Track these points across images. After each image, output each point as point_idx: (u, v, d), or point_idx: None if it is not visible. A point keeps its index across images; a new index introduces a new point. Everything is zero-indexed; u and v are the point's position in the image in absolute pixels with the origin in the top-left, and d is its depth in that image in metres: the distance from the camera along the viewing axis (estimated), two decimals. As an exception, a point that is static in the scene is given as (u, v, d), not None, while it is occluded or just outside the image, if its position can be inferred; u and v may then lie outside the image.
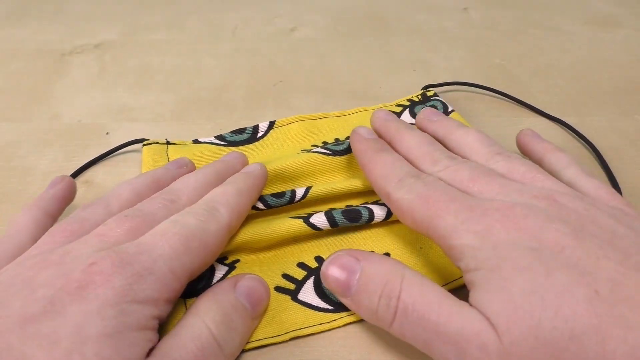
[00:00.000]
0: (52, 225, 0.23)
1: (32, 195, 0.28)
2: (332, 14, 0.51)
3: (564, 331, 0.15)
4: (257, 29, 0.48)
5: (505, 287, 0.17)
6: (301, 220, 0.24)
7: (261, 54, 0.44)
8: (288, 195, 0.26)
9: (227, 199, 0.23)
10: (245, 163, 0.28)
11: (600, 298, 0.16)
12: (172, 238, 0.20)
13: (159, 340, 0.18)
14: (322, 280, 0.22)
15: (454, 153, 0.25)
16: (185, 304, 0.22)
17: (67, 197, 0.25)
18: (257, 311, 0.21)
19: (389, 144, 0.27)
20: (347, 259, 0.21)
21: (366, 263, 0.20)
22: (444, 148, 0.25)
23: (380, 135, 0.28)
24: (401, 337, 0.19)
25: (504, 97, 0.38)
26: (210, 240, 0.21)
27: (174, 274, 0.19)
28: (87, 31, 0.47)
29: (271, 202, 0.26)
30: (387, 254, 0.25)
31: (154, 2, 0.53)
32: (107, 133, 0.34)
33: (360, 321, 0.22)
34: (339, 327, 0.22)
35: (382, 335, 0.22)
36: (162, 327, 0.22)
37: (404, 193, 0.22)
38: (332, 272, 0.21)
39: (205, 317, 0.19)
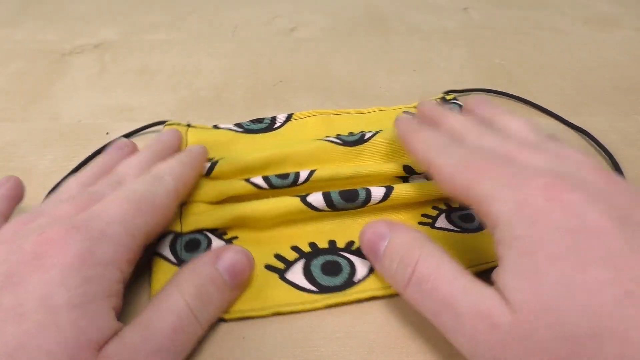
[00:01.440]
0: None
1: (31, 196, 0.28)
2: (332, 14, 0.51)
3: (587, 329, 0.15)
4: (257, 29, 0.48)
5: (537, 276, 0.16)
6: (298, 199, 0.25)
7: (261, 54, 0.44)
8: (292, 176, 0.26)
9: (170, 168, 0.24)
10: (180, 139, 0.29)
11: (631, 299, 0.15)
12: (122, 202, 0.20)
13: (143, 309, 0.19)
14: (360, 244, 0.23)
15: None
16: None
17: (16, 196, 0.25)
18: (237, 282, 0.22)
19: (434, 125, 0.26)
20: (381, 227, 0.22)
21: (395, 232, 0.22)
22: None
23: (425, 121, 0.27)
24: (411, 304, 0.20)
25: (521, 102, 0.37)
26: (160, 202, 0.22)
27: (129, 234, 0.19)
28: (87, 31, 0.47)
29: (275, 182, 0.26)
30: None
31: (154, 2, 0.53)
32: (107, 133, 0.34)
33: (357, 316, 0.22)
34: (321, 308, 0.22)
35: (383, 335, 0.22)
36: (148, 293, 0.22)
37: (445, 159, 0.21)
38: (367, 237, 0.22)
39: (182, 289, 0.20)
